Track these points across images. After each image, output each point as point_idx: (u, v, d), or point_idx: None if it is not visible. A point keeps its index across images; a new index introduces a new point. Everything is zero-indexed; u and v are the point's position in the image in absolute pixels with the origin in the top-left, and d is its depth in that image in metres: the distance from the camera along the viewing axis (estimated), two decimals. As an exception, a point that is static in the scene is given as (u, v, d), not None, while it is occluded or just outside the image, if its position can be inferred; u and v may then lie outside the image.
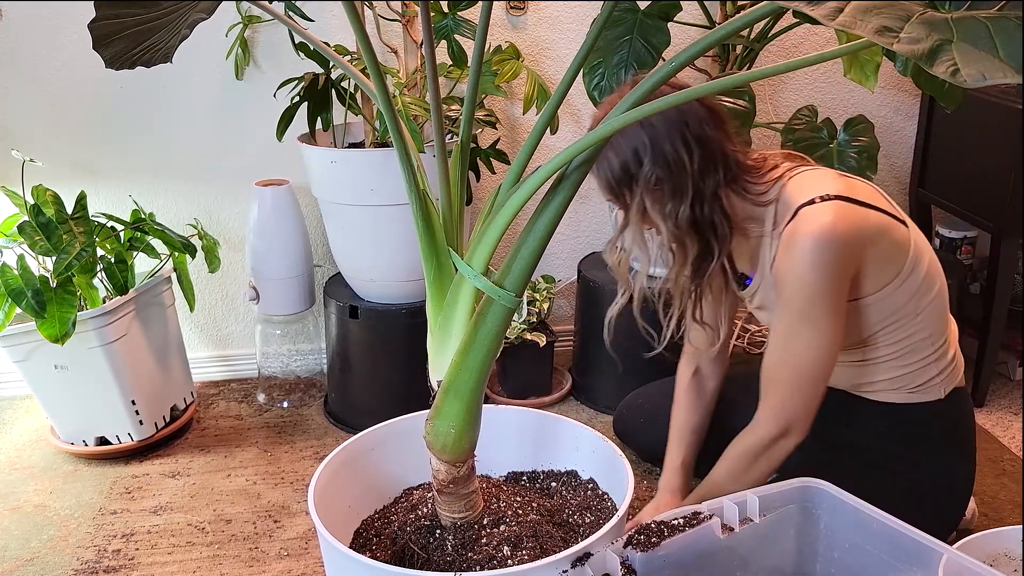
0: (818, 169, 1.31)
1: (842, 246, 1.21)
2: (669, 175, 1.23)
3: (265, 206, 2.02)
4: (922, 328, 1.32)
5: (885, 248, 1.25)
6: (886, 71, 2.19)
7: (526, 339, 2.03)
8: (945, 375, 1.36)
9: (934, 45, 0.62)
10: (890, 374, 1.36)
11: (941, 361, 1.35)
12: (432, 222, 1.09)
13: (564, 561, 1.05)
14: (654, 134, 1.22)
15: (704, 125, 1.24)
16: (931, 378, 1.35)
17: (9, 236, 1.78)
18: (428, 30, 1.11)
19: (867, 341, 1.34)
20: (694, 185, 1.24)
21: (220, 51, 2.04)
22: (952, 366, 1.37)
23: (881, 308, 1.30)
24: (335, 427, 2.05)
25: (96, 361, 1.80)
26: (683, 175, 1.23)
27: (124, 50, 1.09)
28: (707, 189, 1.25)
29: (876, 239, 1.24)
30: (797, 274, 1.23)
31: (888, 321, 1.31)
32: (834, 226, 1.19)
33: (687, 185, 1.24)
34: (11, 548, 1.62)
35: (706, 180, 1.25)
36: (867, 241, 1.23)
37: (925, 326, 1.32)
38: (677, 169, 1.23)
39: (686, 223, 1.26)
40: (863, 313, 1.30)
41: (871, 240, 1.23)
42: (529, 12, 2.16)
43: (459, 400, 1.09)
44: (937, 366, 1.35)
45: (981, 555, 1.18)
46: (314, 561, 1.56)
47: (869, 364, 1.37)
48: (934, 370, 1.35)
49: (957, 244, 2.29)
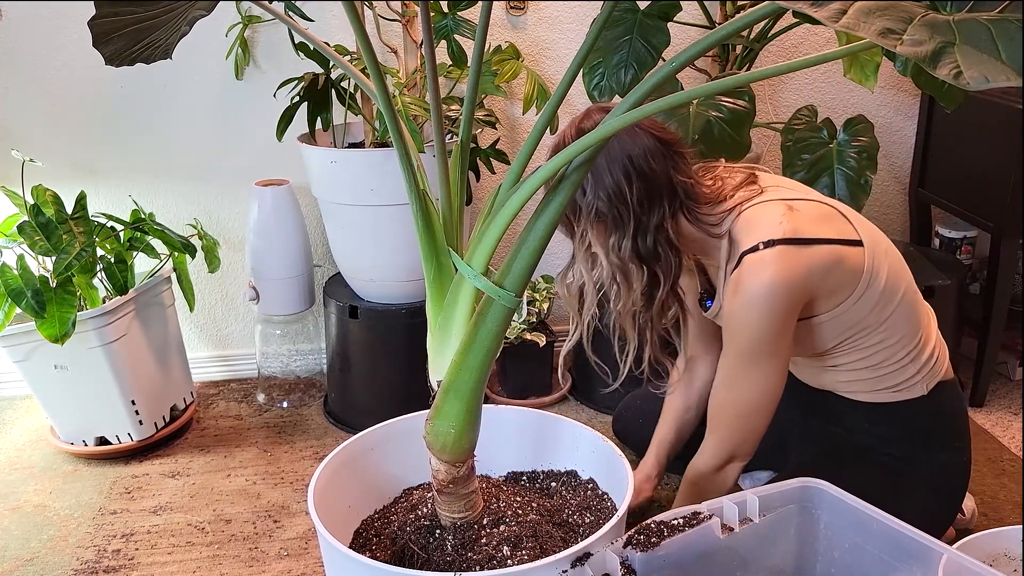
0: (768, 204, 1.28)
1: (783, 296, 1.22)
2: (610, 207, 1.26)
3: (265, 206, 2.02)
4: (889, 335, 1.32)
5: (835, 278, 1.26)
6: (886, 71, 2.20)
7: (526, 339, 2.03)
8: (925, 373, 1.35)
9: (937, 47, 0.62)
10: (865, 377, 1.36)
11: (918, 360, 1.34)
12: (432, 222, 1.09)
13: (564, 561, 1.05)
14: (596, 166, 1.23)
15: (650, 157, 1.25)
16: (909, 377, 1.35)
17: (9, 236, 1.78)
18: (428, 30, 1.11)
19: (833, 351, 1.35)
20: (635, 218, 1.26)
21: (220, 51, 2.04)
22: (932, 362, 1.36)
23: (839, 323, 1.30)
24: (335, 427, 2.05)
25: (96, 361, 1.80)
26: (623, 208, 1.25)
27: (124, 47, 1.09)
28: (650, 222, 1.27)
29: (823, 274, 1.24)
30: (742, 321, 1.26)
31: (850, 333, 1.32)
32: (773, 280, 1.21)
33: (628, 218, 1.26)
34: (11, 548, 1.62)
35: (649, 213, 1.26)
36: (812, 280, 1.24)
37: (892, 332, 1.31)
38: (618, 201, 1.25)
39: (628, 255, 1.28)
40: (822, 328, 1.32)
41: (818, 278, 1.24)
42: (529, 12, 2.16)
43: (459, 400, 1.09)
44: (914, 365, 1.34)
45: (981, 555, 1.18)
46: (314, 561, 1.56)
47: (843, 370, 1.38)
48: (911, 370, 1.34)
49: (957, 244, 2.29)
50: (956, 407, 1.41)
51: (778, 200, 1.28)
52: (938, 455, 1.38)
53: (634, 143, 1.25)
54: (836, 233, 1.26)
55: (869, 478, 1.35)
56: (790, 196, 1.30)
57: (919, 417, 1.37)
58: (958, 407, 1.42)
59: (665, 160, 1.26)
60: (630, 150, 1.24)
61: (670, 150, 1.28)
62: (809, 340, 1.34)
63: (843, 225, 1.28)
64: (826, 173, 1.82)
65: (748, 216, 1.28)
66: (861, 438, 1.41)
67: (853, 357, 1.35)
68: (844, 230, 1.28)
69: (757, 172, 1.37)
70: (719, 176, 1.36)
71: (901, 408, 1.37)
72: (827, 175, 1.81)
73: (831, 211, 1.30)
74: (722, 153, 1.73)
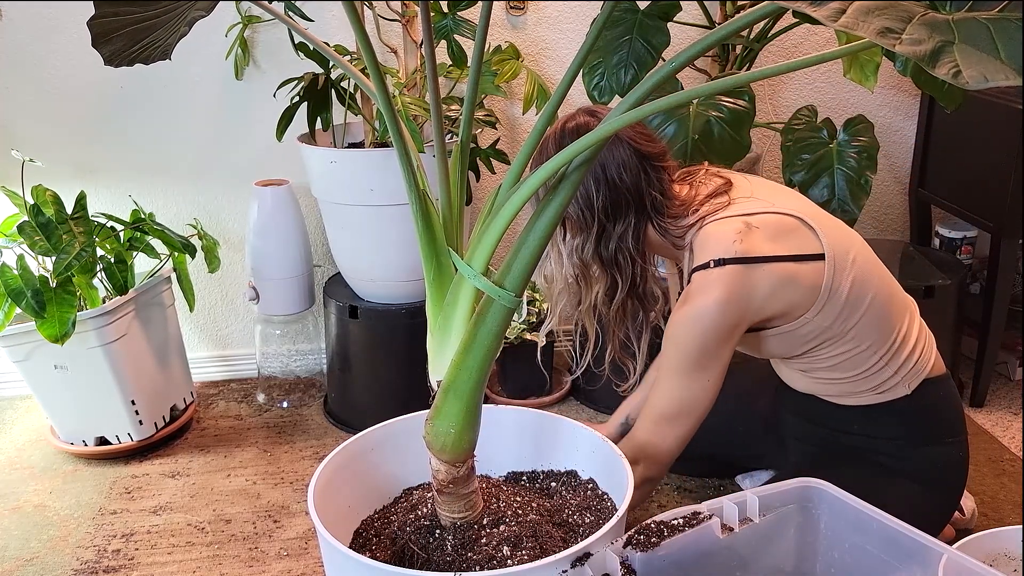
0: (725, 221, 1.29)
1: (723, 315, 1.24)
2: (576, 210, 1.30)
3: (265, 206, 2.02)
4: (858, 343, 1.32)
5: (788, 295, 1.27)
6: (886, 71, 2.20)
7: (526, 339, 2.03)
8: (905, 373, 1.35)
9: (936, 47, 0.62)
10: (841, 382, 1.37)
11: (894, 362, 1.34)
12: (432, 222, 1.09)
13: (564, 561, 1.05)
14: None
15: (623, 170, 1.28)
16: (888, 379, 1.35)
17: (9, 236, 1.78)
18: (428, 30, 1.11)
19: (801, 358, 1.37)
20: (599, 224, 1.30)
21: (220, 51, 2.04)
22: (913, 361, 1.35)
23: (799, 335, 1.31)
24: (335, 427, 2.05)
25: (96, 361, 1.80)
26: (589, 213, 1.30)
27: (123, 48, 1.09)
28: (614, 230, 1.31)
29: (774, 293, 1.26)
30: (680, 334, 1.28)
31: (816, 343, 1.32)
32: (717, 300, 1.24)
33: (592, 223, 1.30)
34: (11, 548, 1.62)
35: (613, 222, 1.30)
36: (755, 302, 1.26)
37: (860, 340, 1.32)
38: (584, 206, 1.29)
39: (589, 258, 1.32)
40: (780, 339, 1.33)
41: (762, 298, 1.26)
42: (529, 12, 2.16)
43: (459, 400, 1.09)
44: (890, 368, 1.34)
45: (981, 555, 1.18)
46: (314, 561, 1.56)
47: (818, 376, 1.39)
48: (888, 372, 1.34)
49: (957, 244, 2.28)
50: (945, 403, 1.40)
51: (737, 216, 1.29)
52: (928, 451, 1.38)
53: (610, 153, 1.28)
54: (794, 249, 1.27)
55: (861, 476, 1.35)
56: (754, 210, 1.30)
57: (904, 415, 1.37)
58: (948, 403, 1.40)
59: (638, 174, 1.29)
60: (604, 159, 1.28)
61: (646, 163, 1.31)
62: (771, 348, 1.35)
63: (805, 239, 1.28)
64: (826, 173, 1.82)
65: (707, 231, 1.30)
66: (849, 438, 1.42)
67: (824, 364, 1.36)
68: (805, 245, 1.28)
69: (734, 180, 1.38)
70: (696, 182, 1.38)
71: (884, 408, 1.37)
72: (827, 175, 1.82)
73: (794, 223, 1.30)
74: (722, 153, 1.73)
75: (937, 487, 1.40)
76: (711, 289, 1.24)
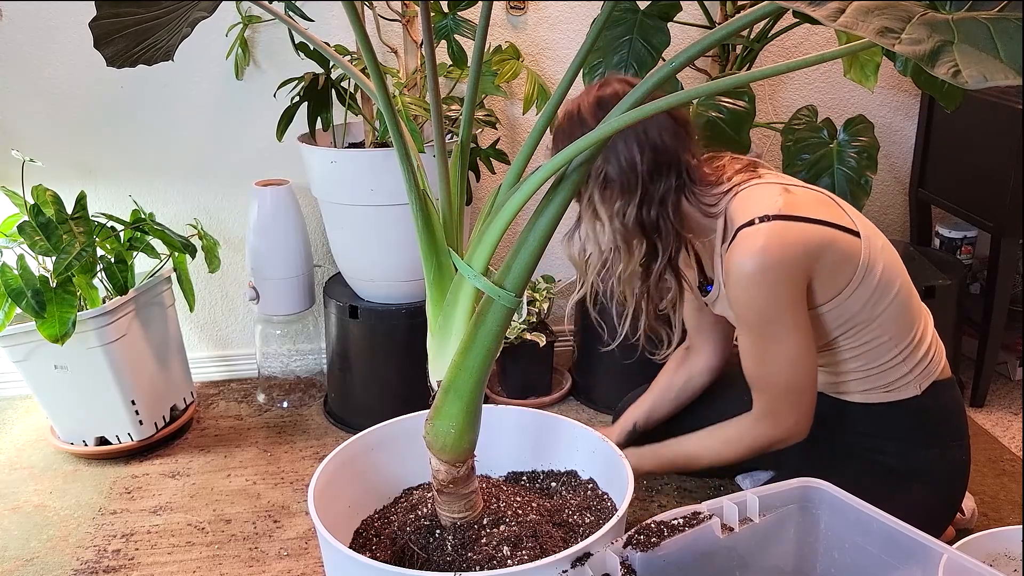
0: (764, 185, 1.31)
1: (779, 267, 1.23)
2: (619, 173, 1.27)
3: (265, 206, 2.02)
4: (881, 333, 1.32)
5: (831, 261, 1.26)
6: (886, 71, 2.20)
7: (526, 339, 2.03)
8: (917, 373, 1.35)
9: (935, 46, 0.62)
10: (858, 376, 1.37)
11: (910, 360, 1.35)
12: (432, 222, 1.09)
13: (564, 561, 1.05)
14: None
15: (663, 132, 1.27)
16: (901, 376, 1.35)
17: (9, 236, 1.78)
18: (428, 30, 1.11)
19: (827, 347, 1.36)
20: (643, 187, 1.27)
21: (220, 51, 2.04)
22: (927, 362, 1.36)
23: (833, 317, 1.31)
24: (335, 427, 2.05)
25: (96, 361, 1.80)
26: (632, 175, 1.27)
27: (125, 48, 1.09)
28: (655, 193, 1.28)
29: (818, 254, 1.25)
30: (744, 299, 1.27)
31: (843, 329, 1.32)
32: (765, 249, 1.22)
33: (636, 186, 1.27)
34: (11, 548, 1.62)
35: (656, 184, 1.28)
36: (808, 257, 1.25)
37: (884, 331, 1.32)
38: (628, 168, 1.27)
39: (632, 223, 1.29)
40: (816, 323, 1.32)
41: (813, 255, 1.25)
42: (529, 12, 2.16)
43: (459, 400, 1.09)
44: (906, 365, 1.35)
45: (981, 555, 1.18)
46: (314, 561, 1.56)
47: (837, 368, 1.38)
48: (903, 369, 1.35)
49: (957, 244, 2.28)
50: (952, 407, 1.41)
51: (775, 183, 1.31)
52: (933, 453, 1.39)
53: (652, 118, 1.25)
54: (833, 218, 1.28)
55: (864, 477, 1.35)
56: (789, 182, 1.33)
57: (912, 417, 1.38)
58: (954, 407, 1.41)
59: (676, 138, 1.28)
60: (646, 123, 1.26)
61: (681, 128, 1.30)
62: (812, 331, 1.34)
63: (840, 215, 1.30)
64: (826, 173, 1.82)
65: (744, 195, 1.30)
66: (855, 438, 1.42)
67: (846, 354, 1.35)
68: (841, 218, 1.29)
69: (759, 164, 1.39)
70: (723, 165, 1.38)
71: (893, 408, 1.37)
72: (827, 175, 1.82)
73: (828, 199, 1.32)
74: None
75: (939, 489, 1.40)
76: (758, 239, 1.23)
